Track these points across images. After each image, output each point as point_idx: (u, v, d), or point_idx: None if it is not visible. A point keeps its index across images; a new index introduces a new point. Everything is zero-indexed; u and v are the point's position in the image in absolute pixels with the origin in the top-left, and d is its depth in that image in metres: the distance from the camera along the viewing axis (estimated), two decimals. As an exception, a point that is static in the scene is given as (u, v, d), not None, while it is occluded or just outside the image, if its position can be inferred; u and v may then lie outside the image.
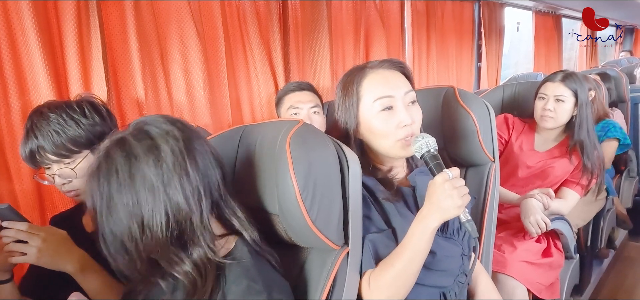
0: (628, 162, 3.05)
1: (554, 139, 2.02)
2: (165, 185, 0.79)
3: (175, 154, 0.81)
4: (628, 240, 3.30)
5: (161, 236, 0.80)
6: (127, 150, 0.80)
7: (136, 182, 0.79)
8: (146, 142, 0.81)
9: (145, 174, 0.79)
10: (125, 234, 0.80)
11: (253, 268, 0.84)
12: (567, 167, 1.94)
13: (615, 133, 2.55)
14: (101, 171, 0.80)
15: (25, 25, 1.35)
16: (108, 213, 0.80)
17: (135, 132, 0.82)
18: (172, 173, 0.80)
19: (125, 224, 0.79)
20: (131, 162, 0.79)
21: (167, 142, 0.81)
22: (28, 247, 1.03)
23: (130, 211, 0.79)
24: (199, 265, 0.83)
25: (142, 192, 0.79)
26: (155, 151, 0.80)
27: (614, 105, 3.09)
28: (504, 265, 1.66)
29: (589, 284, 2.46)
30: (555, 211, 1.87)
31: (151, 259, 0.82)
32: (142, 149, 0.80)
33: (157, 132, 0.82)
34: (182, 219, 0.81)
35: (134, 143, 0.80)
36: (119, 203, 0.79)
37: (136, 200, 0.79)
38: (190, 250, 0.83)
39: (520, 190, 1.91)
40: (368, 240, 1.04)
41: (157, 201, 0.79)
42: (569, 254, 1.94)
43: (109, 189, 0.79)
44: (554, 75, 1.96)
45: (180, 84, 1.82)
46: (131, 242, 0.80)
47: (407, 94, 1.09)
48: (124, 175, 0.79)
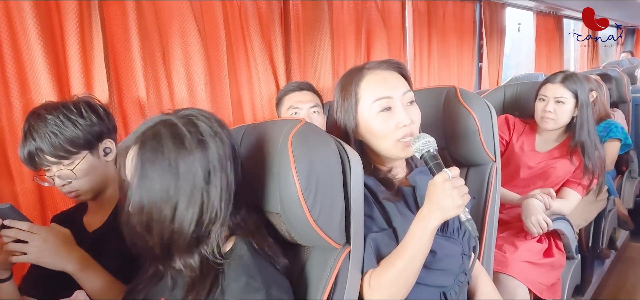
0: (629, 162, 3.05)
1: (555, 140, 2.02)
2: (206, 182, 0.82)
3: (220, 155, 0.84)
4: (629, 241, 3.30)
5: (187, 228, 0.82)
6: (177, 137, 0.81)
7: (180, 170, 0.80)
8: (196, 136, 0.82)
9: (191, 165, 0.81)
10: (155, 214, 0.81)
11: (252, 265, 0.85)
12: (568, 167, 1.93)
13: (617, 133, 2.55)
14: (147, 147, 0.81)
15: (27, 25, 1.36)
16: (144, 189, 0.81)
17: (185, 122, 0.84)
18: (216, 174, 0.83)
19: (159, 206, 0.81)
20: (179, 151, 0.81)
21: (216, 143, 0.84)
22: (28, 247, 1.03)
23: (166, 196, 0.80)
24: (204, 262, 0.85)
25: (184, 181, 0.80)
26: (205, 149, 0.82)
27: (615, 106, 3.09)
28: (506, 265, 1.66)
29: (591, 284, 2.46)
30: (556, 211, 1.86)
31: (167, 245, 0.84)
32: (192, 141, 0.82)
33: (207, 131, 0.84)
34: (210, 219, 0.83)
35: (185, 132, 0.82)
36: (159, 185, 0.80)
37: (177, 187, 0.80)
38: (201, 246, 0.85)
39: (522, 191, 1.90)
40: (370, 239, 1.04)
41: (194, 196, 0.81)
42: (570, 254, 1.94)
43: (153, 167, 0.80)
44: (554, 77, 1.96)
45: (181, 83, 1.82)
46: (159, 224, 0.82)
47: (405, 94, 1.09)
48: (169, 159, 0.80)
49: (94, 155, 1.20)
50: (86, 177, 1.19)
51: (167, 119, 0.85)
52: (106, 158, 1.24)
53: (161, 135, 0.82)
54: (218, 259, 0.85)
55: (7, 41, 1.35)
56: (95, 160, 1.20)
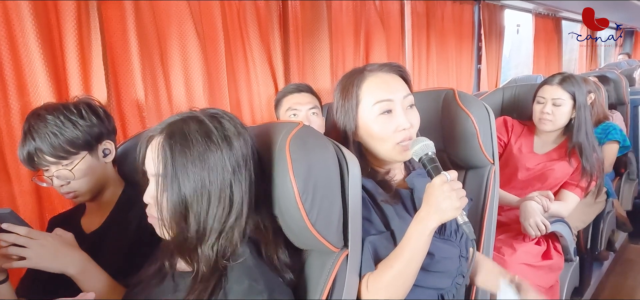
0: (628, 164, 3.05)
1: (553, 142, 2.02)
2: (233, 177, 0.84)
3: (244, 154, 0.86)
4: (628, 242, 3.30)
5: (217, 223, 0.84)
6: (204, 130, 0.83)
7: (210, 162, 0.82)
8: (222, 132, 0.85)
9: (219, 159, 0.83)
10: (193, 205, 0.83)
11: (255, 268, 0.85)
12: (566, 169, 1.94)
13: (616, 136, 2.55)
14: (175, 138, 0.83)
15: (25, 26, 1.36)
16: (182, 179, 0.82)
17: (210, 118, 0.86)
18: (240, 172, 0.85)
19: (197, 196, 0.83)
20: (208, 143, 0.83)
21: (239, 142, 0.86)
22: (27, 252, 1.02)
23: (203, 186, 0.82)
24: (217, 259, 0.86)
25: (214, 174, 0.83)
26: (230, 146, 0.85)
27: (613, 108, 3.09)
28: (504, 268, 1.66)
29: (589, 286, 2.46)
30: (554, 213, 1.87)
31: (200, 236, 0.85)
32: (218, 136, 0.84)
33: (232, 129, 0.86)
34: (235, 216, 0.85)
35: (211, 128, 0.84)
36: (192, 175, 0.82)
37: (209, 179, 0.82)
38: (220, 242, 0.86)
39: (520, 193, 1.90)
40: (368, 242, 1.04)
41: (224, 190, 0.84)
42: (568, 256, 1.94)
43: (184, 158, 0.82)
44: (552, 78, 1.96)
45: (180, 85, 1.82)
46: (196, 214, 0.83)
47: (405, 98, 1.09)
48: (199, 152, 0.82)
49: (93, 156, 1.20)
50: (85, 178, 1.19)
51: (194, 115, 0.87)
52: (105, 159, 1.24)
53: (190, 128, 0.84)
54: (225, 259, 0.86)
55: (5, 42, 1.35)
56: (95, 161, 1.20)
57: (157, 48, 1.74)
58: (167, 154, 0.83)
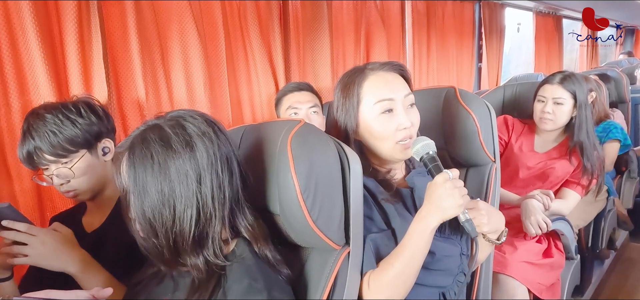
0: (629, 162, 3.04)
1: (554, 140, 2.02)
2: (198, 183, 0.82)
3: (209, 155, 0.83)
4: (629, 241, 3.30)
5: (188, 230, 0.82)
6: (164, 140, 0.82)
7: (171, 172, 0.81)
8: (183, 137, 0.82)
9: (181, 166, 0.81)
10: (157, 219, 0.82)
11: (254, 267, 0.85)
12: (567, 168, 1.93)
13: (617, 134, 2.55)
14: (136, 153, 0.81)
15: (26, 25, 1.35)
16: (142, 196, 0.81)
17: (172, 124, 0.84)
18: (205, 173, 0.82)
19: (159, 211, 0.81)
20: (167, 152, 0.81)
21: (203, 143, 0.83)
22: (28, 249, 1.03)
23: (164, 199, 0.81)
24: (209, 263, 0.85)
25: (177, 183, 0.81)
26: (192, 148, 0.82)
27: (614, 106, 3.09)
28: (505, 266, 1.66)
29: (590, 284, 2.46)
30: (555, 212, 1.86)
31: (174, 247, 0.84)
32: (179, 142, 0.82)
33: (194, 130, 0.84)
34: (206, 219, 0.83)
35: (171, 134, 0.82)
36: (154, 189, 0.81)
37: (171, 190, 0.81)
38: (204, 248, 0.85)
39: (521, 192, 1.90)
40: (369, 240, 1.04)
41: (189, 195, 0.81)
42: (569, 254, 1.94)
43: (144, 172, 0.81)
44: (552, 77, 1.96)
45: (180, 83, 1.82)
46: (162, 228, 0.82)
47: (406, 97, 1.10)
48: (159, 163, 0.80)
49: (93, 154, 1.20)
50: (84, 176, 1.19)
51: (154, 123, 0.85)
52: (105, 158, 1.24)
53: (148, 139, 0.82)
54: (220, 261, 0.85)
55: (6, 41, 1.35)
56: (94, 160, 1.20)
57: (158, 46, 1.74)
58: (130, 171, 0.82)
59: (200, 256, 0.85)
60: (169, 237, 0.83)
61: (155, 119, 0.86)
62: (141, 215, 0.82)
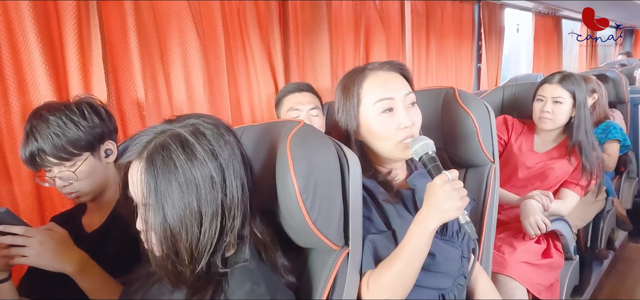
0: (628, 163, 3.05)
1: (553, 140, 2.02)
2: (223, 193, 0.79)
3: (234, 164, 0.81)
4: (628, 241, 3.30)
5: (211, 242, 0.80)
6: (186, 148, 0.78)
7: (199, 182, 0.77)
8: (207, 146, 0.79)
9: (208, 176, 0.78)
10: (182, 232, 0.77)
11: (257, 271, 0.84)
12: (566, 168, 1.94)
13: (616, 134, 2.55)
14: (156, 163, 0.76)
15: (25, 25, 1.35)
16: (166, 208, 0.77)
17: (193, 131, 0.80)
18: (230, 181, 0.80)
19: (186, 223, 0.77)
20: (193, 162, 0.77)
21: (226, 150, 0.81)
22: (26, 250, 1.02)
23: (192, 211, 0.77)
24: (210, 267, 0.83)
25: (204, 194, 0.77)
26: (216, 157, 0.79)
27: (613, 106, 3.09)
28: (504, 266, 1.66)
29: (589, 285, 2.46)
30: (554, 212, 1.87)
31: (194, 263, 0.81)
32: (203, 151, 0.78)
33: (217, 139, 0.81)
34: (228, 229, 0.81)
35: (195, 143, 0.78)
36: (180, 201, 0.76)
37: (199, 200, 0.77)
38: (213, 256, 0.82)
39: (520, 191, 1.91)
40: (368, 240, 1.04)
41: (216, 206, 0.79)
42: (568, 255, 1.94)
43: (167, 183, 0.76)
44: (552, 77, 1.97)
45: (180, 84, 1.82)
46: (187, 242, 0.78)
47: (407, 96, 1.09)
48: (185, 173, 0.76)
49: (96, 156, 1.20)
50: (87, 179, 1.18)
51: (172, 130, 0.80)
52: (107, 159, 1.24)
53: (170, 147, 0.77)
54: (221, 267, 0.83)
55: (5, 42, 1.35)
56: (97, 162, 1.20)
57: (157, 47, 1.74)
58: (150, 184, 0.77)
59: (207, 264, 0.82)
60: (191, 251, 0.79)
61: (167, 125, 0.82)
62: (163, 229, 0.77)
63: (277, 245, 0.91)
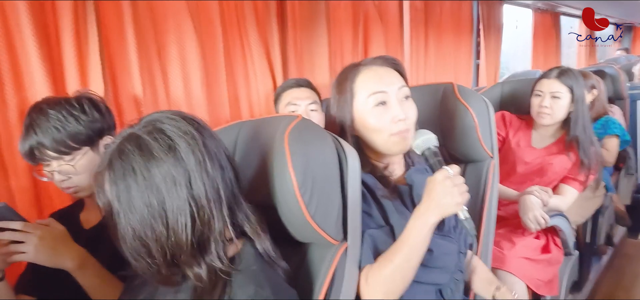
0: (627, 159, 3.05)
1: (551, 136, 2.02)
2: (187, 186, 0.76)
3: (196, 154, 0.77)
4: (626, 237, 3.31)
5: (185, 239, 0.76)
6: (143, 148, 0.75)
7: (157, 181, 0.75)
8: (164, 141, 0.76)
9: (167, 173, 0.75)
10: (149, 235, 0.76)
11: (261, 273, 0.83)
12: (565, 163, 1.94)
13: (615, 130, 2.56)
14: (116, 169, 0.75)
15: (22, 22, 1.34)
16: (128, 213, 0.75)
17: (150, 130, 0.77)
18: (194, 173, 0.76)
19: (149, 225, 0.76)
20: (150, 161, 0.75)
21: (186, 142, 0.77)
22: (25, 246, 1.02)
23: (153, 212, 0.75)
24: (211, 271, 0.80)
25: (165, 192, 0.75)
26: (175, 151, 0.76)
27: (611, 102, 3.09)
28: (503, 262, 1.67)
29: (588, 280, 2.46)
30: (553, 207, 1.87)
31: (171, 262, 0.79)
32: (160, 148, 0.75)
33: (174, 132, 0.77)
34: (205, 223, 0.78)
35: (151, 142, 0.76)
36: (141, 203, 0.75)
37: (160, 200, 0.75)
38: (206, 255, 0.80)
39: (519, 187, 1.91)
40: (367, 235, 1.04)
41: (181, 201, 0.75)
42: (567, 250, 1.95)
43: (127, 188, 0.74)
44: (550, 72, 1.97)
45: (177, 80, 1.81)
46: (156, 244, 0.76)
47: (400, 89, 1.09)
48: (143, 174, 0.74)
49: (95, 151, 1.20)
50: (86, 173, 1.18)
51: (130, 133, 0.78)
52: None
53: (126, 151, 0.75)
54: (224, 267, 0.81)
55: (2, 39, 1.34)
56: (96, 157, 1.20)
57: (155, 43, 1.74)
58: (112, 189, 0.75)
59: (202, 265, 0.80)
60: (165, 252, 0.77)
61: (129, 128, 0.80)
62: (131, 234, 0.76)
63: (267, 232, 0.89)
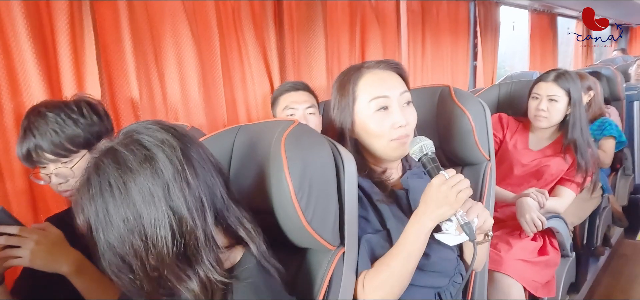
0: (623, 160, 3.06)
1: (548, 138, 2.02)
2: (166, 197, 0.73)
3: (174, 163, 0.74)
4: (624, 237, 3.31)
5: (166, 252, 0.74)
6: (119, 161, 0.73)
7: (133, 194, 0.72)
8: (140, 153, 0.74)
9: (143, 185, 0.72)
10: (128, 251, 0.74)
11: (263, 285, 0.81)
12: (561, 165, 1.94)
13: (612, 131, 2.56)
14: (92, 185, 0.73)
15: (17, 25, 1.34)
16: (106, 229, 0.73)
17: (127, 142, 0.75)
18: (173, 184, 0.74)
19: (128, 240, 0.73)
20: (126, 175, 0.72)
21: (164, 152, 0.75)
22: (21, 251, 1.02)
23: (131, 226, 0.73)
24: (206, 283, 0.77)
25: (142, 205, 0.72)
26: (152, 162, 0.74)
27: (608, 103, 3.10)
28: (500, 264, 1.67)
29: (585, 281, 2.47)
30: (550, 209, 1.87)
31: (156, 276, 0.76)
32: (136, 160, 0.73)
33: (151, 142, 0.75)
34: (187, 233, 0.75)
35: (127, 154, 0.74)
36: (118, 218, 0.73)
37: (137, 214, 0.72)
38: (195, 267, 0.77)
39: (516, 189, 1.91)
40: (364, 240, 1.04)
41: (159, 214, 0.73)
42: (565, 252, 1.95)
43: (104, 203, 0.73)
44: (547, 75, 1.97)
45: (174, 83, 1.81)
46: (136, 259, 0.74)
47: (402, 95, 1.09)
48: (119, 189, 0.72)
49: (92, 154, 1.19)
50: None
51: (107, 147, 0.76)
52: None
53: (102, 166, 0.74)
54: (219, 276, 0.78)
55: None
56: None
57: (151, 46, 1.73)
58: (90, 206, 0.73)
59: (193, 277, 0.76)
60: (145, 267, 0.74)
61: (108, 142, 0.78)
62: (110, 251, 0.74)
63: (261, 235, 0.87)
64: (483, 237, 1.07)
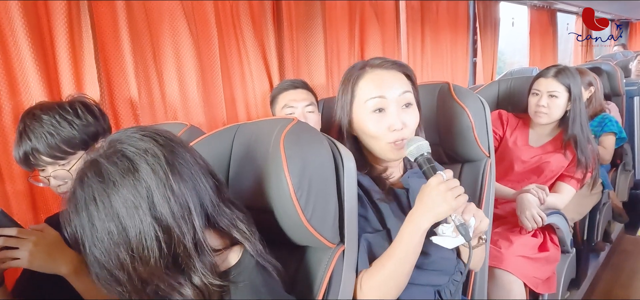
0: (623, 155, 3.06)
1: (548, 134, 2.02)
2: (150, 208, 0.72)
3: (157, 172, 0.73)
4: (624, 233, 3.31)
5: (154, 263, 0.72)
6: (103, 174, 0.72)
7: (117, 208, 0.71)
8: (122, 164, 0.72)
9: (126, 198, 0.71)
10: (114, 264, 0.72)
11: (261, 285, 0.81)
12: (562, 161, 1.94)
13: (612, 127, 2.56)
14: (78, 199, 0.72)
15: (15, 25, 1.34)
16: (93, 243, 0.72)
17: (109, 153, 0.74)
18: (157, 193, 0.72)
19: (113, 254, 0.72)
20: (109, 188, 0.71)
21: (147, 161, 0.73)
22: (20, 252, 1.02)
23: (116, 240, 0.71)
24: (201, 289, 0.77)
25: (127, 218, 0.71)
26: (134, 173, 0.72)
27: (608, 99, 3.10)
28: (501, 260, 1.67)
29: (586, 277, 2.47)
30: (551, 205, 1.87)
31: (144, 288, 0.75)
32: (118, 172, 0.72)
33: (133, 152, 0.73)
34: (175, 242, 0.74)
35: (109, 167, 0.72)
36: (103, 232, 0.71)
37: (122, 227, 0.71)
38: (188, 274, 0.76)
39: (516, 186, 1.91)
40: (363, 239, 1.03)
41: (144, 225, 0.71)
42: (565, 248, 1.95)
43: (89, 217, 0.72)
44: (547, 71, 1.96)
45: (173, 82, 1.81)
46: (123, 272, 0.73)
47: (401, 96, 1.07)
48: (103, 202, 0.71)
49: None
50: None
51: (91, 159, 0.75)
52: None
53: (86, 180, 0.73)
54: (215, 279, 0.77)
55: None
56: None
57: (150, 46, 1.73)
58: (76, 220, 0.73)
59: (186, 285, 0.76)
60: (132, 279, 0.73)
61: (92, 153, 0.77)
62: (97, 264, 0.73)
63: (257, 234, 0.86)
64: (477, 240, 1.06)
